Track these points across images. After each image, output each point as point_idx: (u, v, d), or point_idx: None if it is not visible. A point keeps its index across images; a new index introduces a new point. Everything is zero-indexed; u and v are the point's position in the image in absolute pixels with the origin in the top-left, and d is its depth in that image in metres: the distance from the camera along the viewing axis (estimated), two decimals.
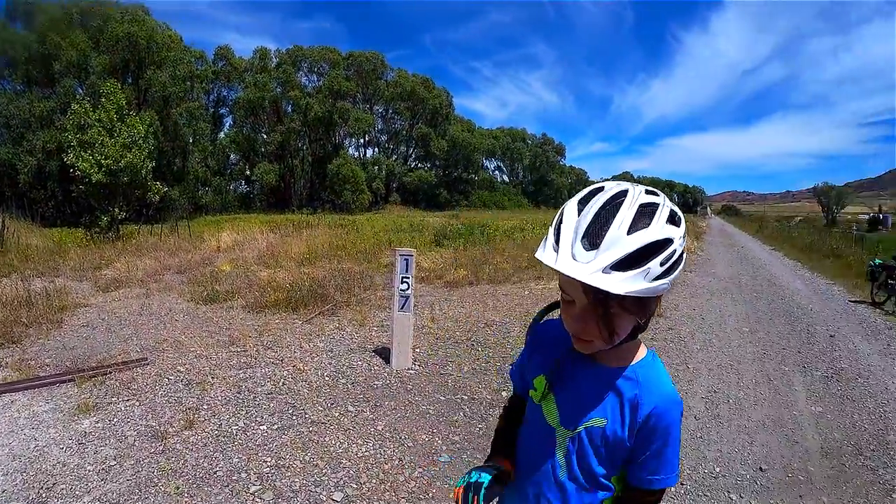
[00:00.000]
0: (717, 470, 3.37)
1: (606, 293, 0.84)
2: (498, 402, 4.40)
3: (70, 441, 3.46)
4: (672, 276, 0.88)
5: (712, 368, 5.37)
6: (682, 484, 3.17)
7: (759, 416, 4.24)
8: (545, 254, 0.89)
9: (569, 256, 0.86)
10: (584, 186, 0.97)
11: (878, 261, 10.04)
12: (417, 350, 5.59)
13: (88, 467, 3.14)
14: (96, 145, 15.70)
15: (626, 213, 0.86)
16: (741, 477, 3.31)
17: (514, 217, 26.18)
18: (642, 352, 1.06)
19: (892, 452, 3.70)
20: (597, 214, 0.87)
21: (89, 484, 2.96)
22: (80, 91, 29.19)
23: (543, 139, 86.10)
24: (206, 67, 47.66)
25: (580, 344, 0.98)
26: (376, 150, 63.82)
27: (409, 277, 5.03)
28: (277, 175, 49.78)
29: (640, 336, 1.03)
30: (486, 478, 1.05)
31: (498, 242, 15.76)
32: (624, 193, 0.90)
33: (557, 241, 0.89)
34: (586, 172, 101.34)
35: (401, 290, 5.03)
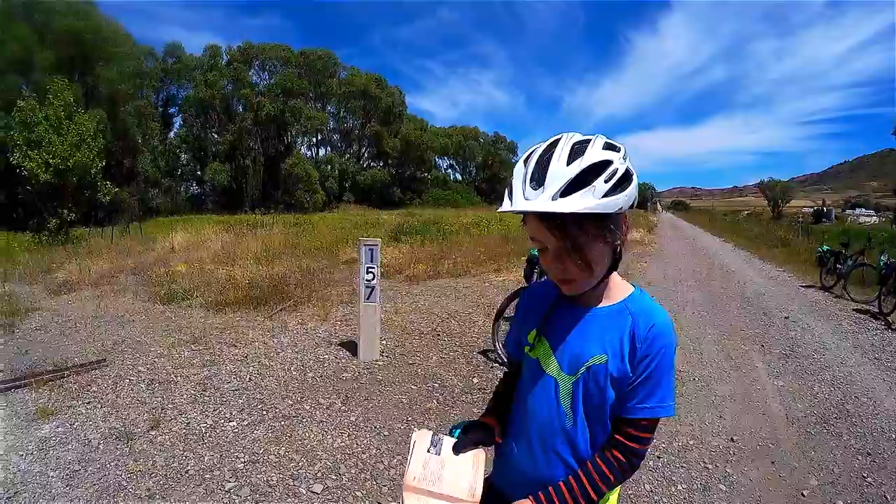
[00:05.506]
0: (691, 443, 3.47)
1: (566, 223, 0.93)
2: (469, 389, 4.41)
3: (31, 447, 3.28)
4: (623, 194, 0.94)
5: (675, 350, 5.50)
6: (658, 457, 3.24)
7: (725, 391, 4.39)
8: (503, 205, 0.97)
9: (521, 198, 0.94)
10: None
11: (825, 247, 10.52)
12: (384, 342, 5.53)
13: (51, 474, 2.97)
14: (44, 144, 15.01)
15: (562, 151, 0.95)
16: (714, 447, 3.42)
17: (468, 214, 26.36)
18: (629, 288, 1.10)
19: (853, 419, 3.90)
20: (538, 161, 0.96)
21: (54, 490, 2.81)
22: (25, 88, 27.78)
23: (495, 137, 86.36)
24: (155, 64, 46.15)
25: (566, 286, 1.03)
26: (329, 149, 63.25)
27: (374, 267, 4.98)
28: (229, 175, 48.70)
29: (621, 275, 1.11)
30: (455, 432, 1.15)
31: (455, 238, 15.77)
32: (558, 140, 0.99)
33: (511, 193, 0.97)
34: None
35: (366, 280, 4.98)
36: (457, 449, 1.09)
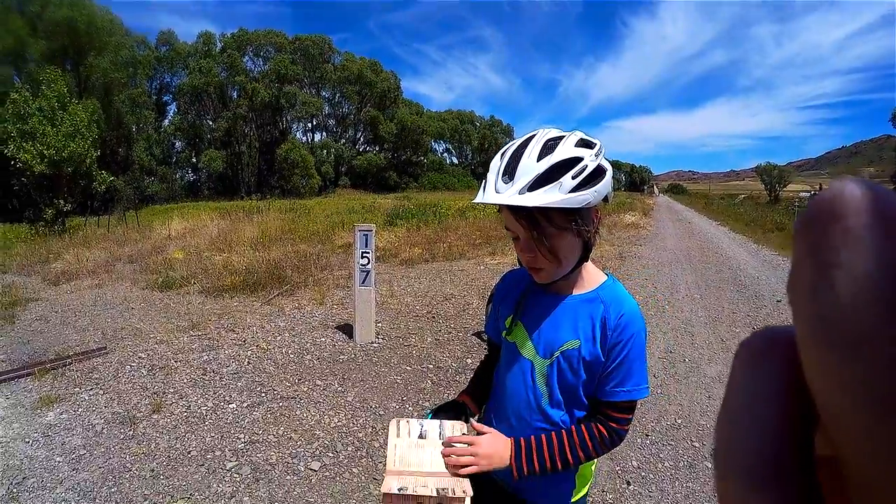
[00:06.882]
0: (679, 422, 3.56)
1: (534, 215, 0.98)
2: (463, 369, 4.50)
3: (36, 434, 3.36)
4: (591, 189, 0.99)
5: (666, 332, 5.59)
6: (647, 436, 3.33)
7: (714, 372, 4.47)
8: (477, 196, 1.03)
9: (493, 191, 1.01)
10: None
11: None
12: (379, 324, 5.60)
13: (58, 458, 3.06)
14: (38, 135, 14.99)
15: (534, 147, 1.01)
16: (702, 427, 3.50)
17: (464, 198, 26.33)
18: (602, 277, 1.16)
19: None
20: (512, 155, 1.02)
21: (60, 475, 2.89)
22: (18, 79, 27.59)
23: (491, 121, 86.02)
24: (148, 53, 45.85)
25: (535, 274, 1.08)
26: (324, 134, 63.25)
27: (368, 252, 5.04)
28: (225, 162, 48.58)
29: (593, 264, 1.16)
30: (429, 415, 1.20)
31: (450, 221, 15.73)
32: (534, 136, 1.04)
33: (485, 184, 1.04)
34: None
35: (361, 264, 5.05)
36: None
